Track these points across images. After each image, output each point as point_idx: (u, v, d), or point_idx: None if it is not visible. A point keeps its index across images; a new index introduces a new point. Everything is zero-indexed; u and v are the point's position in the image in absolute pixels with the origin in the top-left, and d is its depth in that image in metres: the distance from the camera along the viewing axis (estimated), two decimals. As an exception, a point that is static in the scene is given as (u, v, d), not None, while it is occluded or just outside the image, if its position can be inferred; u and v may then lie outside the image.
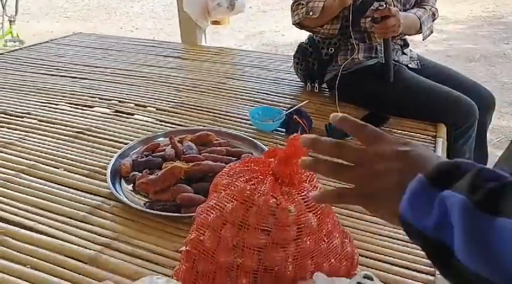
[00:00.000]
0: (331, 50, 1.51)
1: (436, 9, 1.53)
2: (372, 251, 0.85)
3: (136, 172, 1.04)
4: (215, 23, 2.31)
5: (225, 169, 0.79)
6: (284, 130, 1.33)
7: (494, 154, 1.67)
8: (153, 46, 2.21)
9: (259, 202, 0.68)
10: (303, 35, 1.64)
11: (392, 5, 1.36)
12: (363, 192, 0.42)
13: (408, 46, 1.57)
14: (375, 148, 0.43)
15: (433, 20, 1.52)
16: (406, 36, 1.54)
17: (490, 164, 1.58)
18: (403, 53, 1.54)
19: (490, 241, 0.29)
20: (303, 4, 1.43)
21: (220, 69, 1.88)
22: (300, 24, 1.49)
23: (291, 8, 1.49)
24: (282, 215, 0.67)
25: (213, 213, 0.71)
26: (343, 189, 0.45)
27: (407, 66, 1.52)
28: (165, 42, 2.38)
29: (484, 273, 0.30)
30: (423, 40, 1.55)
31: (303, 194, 0.71)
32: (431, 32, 1.53)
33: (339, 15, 1.40)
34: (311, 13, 1.40)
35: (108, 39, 2.34)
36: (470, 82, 1.52)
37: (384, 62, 1.42)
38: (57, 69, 1.85)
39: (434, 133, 1.34)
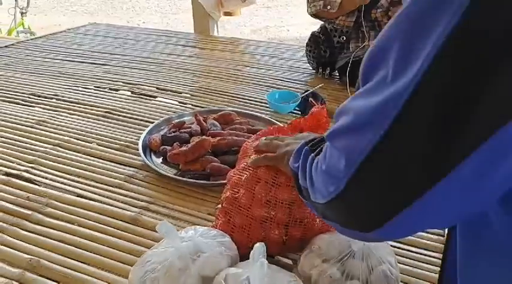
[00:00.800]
0: (342, 38, 1.59)
1: None
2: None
3: (166, 146, 1.12)
4: (227, 14, 2.39)
5: (252, 137, 0.87)
6: (300, 112, 1.41)
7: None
8: (167, 36, 2.28)
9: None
10: (307, 31, 1.70)
11: None
12: (275, 157, 0.73)
13: None
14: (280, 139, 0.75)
15: None
16: None
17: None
18: None
19: (306, 166, 0.53)
20: None
21: (234, 58, 1.96)
22: (316, 15, 1.56)
23: None
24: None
25: (246, 174, 0.79)
26: (266, 155, 0.75)
27: None
28: (178, 32, 2.45)
29: (305, 185, 0.52)
30: None
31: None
32: None
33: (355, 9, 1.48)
34: (329, 7, 1.48)
35: (123, 29, 2.41)
36: None
37: None
38: (78, 56, 1.93)
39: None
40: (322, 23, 1.66)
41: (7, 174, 1.04)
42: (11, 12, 3.95)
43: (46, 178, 1.03)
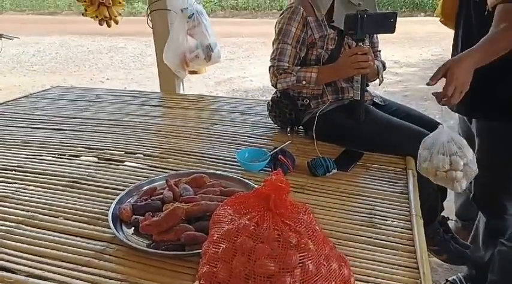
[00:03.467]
0: (306, 101, 1.66)
1: (385, 62, 1.75)
2: (365, 275, 0.94)
3: (137, 216, 1.09)
4: (192, 72, 2.44)
5: (222, 204, 0.87)
6: (270, 169, 1.42)
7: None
8: (132, 96, 2.30)
9: (265, 235, 0.76)
10: (269, 82, 1.73)
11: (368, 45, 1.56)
12: None
13: (368, 86, 1.74)
14: None
15: (384, 70, 1.72)
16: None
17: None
18: (366, 91, 1.71)
19: None
20: (290, 73, 1.56)
21: (202, 116, 1.99)
22: (285, 89, 1.62)
23: (273, 74, 1.60)
24: (285, 244, 0.75)
25: (222, 246, 0.78)
26: None
27: (373, 101, 1.69)
28: (145, 92, 2.47)
29: None
30: (379, 85, 1.74)
31: (299, 223, 0.80)
32: (383, 79, 1.73)
33: None
34: (304, 82, 1.55)
35: (88, 91, 2.41)
36: (427, 118, 1.69)
37: (359, 98, 1.56)
38: (41, 122, 1.89)
39: (405, 166, 1.48)
40: None
41: (-35, 260, 0.97)
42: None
43: (9, 261, 0.97)
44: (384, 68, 1.73)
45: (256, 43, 7.59)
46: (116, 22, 2.37)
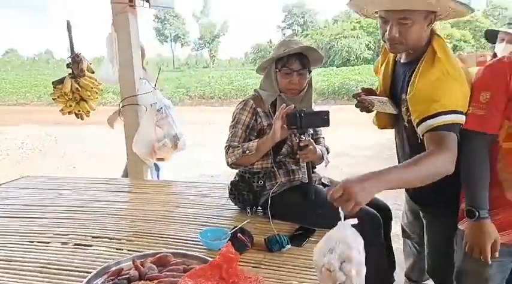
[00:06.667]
0: (261, 182, 1.86)
1: (328, 146, 1.99)
2: None
3: (105, 296, 1.17)
4: (159, 159, 2.63)
5: (183, 277, 1.00)
6: (230, 247, 1.55)
7: (401, 259, 1.97)
8: (102, 183, 2.42)
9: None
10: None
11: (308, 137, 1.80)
12: None
13: (315, 167, 1.96)
14: None
15: (328, 153, 1.96)
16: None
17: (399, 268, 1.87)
18: (313, 172, 1.94)
19: None
20: (238, 147, 1.80)
21: (167, 200, 2.12)
22: (236, 164, 1.83)
23: (226, 151, 1.83)
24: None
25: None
26: None
27: (320, 181, 1.90)
28: (113, 179, 2.60)
29: None
30: (325, 166, 1.95)
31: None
32: (329, 161, 1.96)
33: (268, 152, 1.79)
34: (247, 151, 1.77)
35: (56, 180, 2.51)
36: (374, 198, 1.89)
37: (307, 181, 1.77)
38: (11, 211, 1.96)
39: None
40: (239, 172, 1.92)
41: None
42: None
43: None
44: (328, 151, 1.98)
45: (222, 129, 7.96)
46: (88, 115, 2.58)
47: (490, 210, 1.30)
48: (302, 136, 1.72)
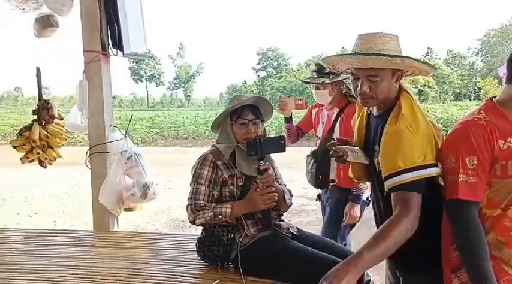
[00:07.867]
0: (231, 235, 1.79)
1: (290, 189, 1.96)
2: None
3: None
4: (127, 209, 2.52)
5: None
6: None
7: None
8: (64, 236, 2.27)
9: None
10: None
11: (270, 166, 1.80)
12: None
13: (282, 215, 1.93)
14: None
15: (291, 196, 1.95)
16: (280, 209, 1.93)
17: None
18: (281, 220, 1.89)
19: None
20: (207, 209, 1.74)
21: (135, 255, 2.01)
22: (203, 225, 1.77)
23: (190, 209, 1.76)
24: None
25: None
26: None
27: (288, 230, 1.85)
28: (76, 231, 2.46)
29: None
30: (288, 207, 1.91)
31: None
32: (291, 203, 1.94)
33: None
34: (220, 216, 1.73)
35: (13, 233, 2.34)
36: (340, 248, 1.87)
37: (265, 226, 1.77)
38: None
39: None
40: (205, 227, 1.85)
41: None
42: None
43: None
44: (291, 194, 1.95)
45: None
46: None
47: None
48: (261, 161, 1.76)
